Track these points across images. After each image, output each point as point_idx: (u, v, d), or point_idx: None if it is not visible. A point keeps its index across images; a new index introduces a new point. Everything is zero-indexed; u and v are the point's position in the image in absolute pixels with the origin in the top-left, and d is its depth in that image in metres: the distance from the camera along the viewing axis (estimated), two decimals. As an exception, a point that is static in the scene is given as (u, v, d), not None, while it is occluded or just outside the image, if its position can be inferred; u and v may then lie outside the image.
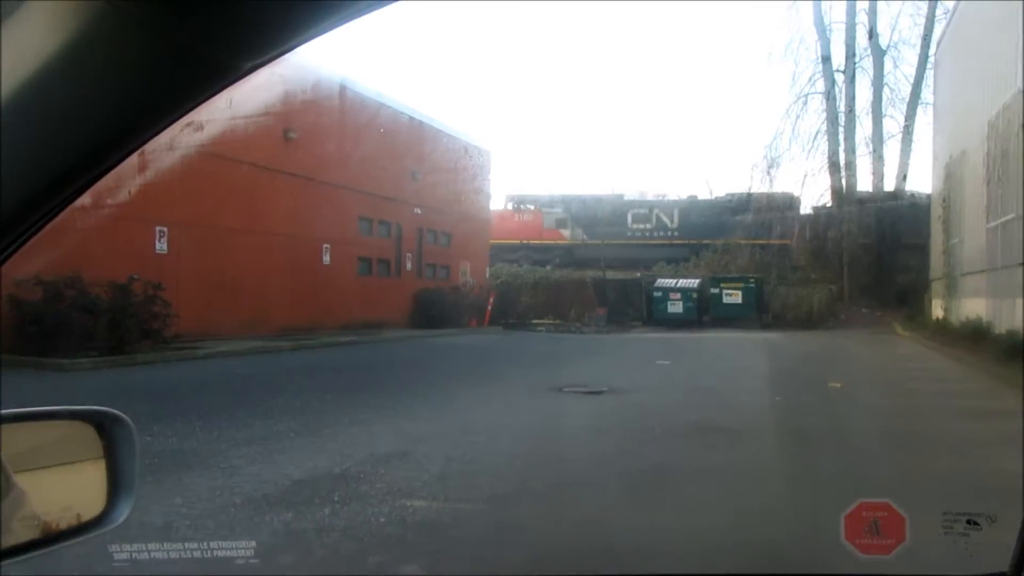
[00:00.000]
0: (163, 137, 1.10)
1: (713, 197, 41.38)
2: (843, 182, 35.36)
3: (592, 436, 8.41)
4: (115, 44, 0.93)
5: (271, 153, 21.02)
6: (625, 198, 42.31)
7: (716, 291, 32.57)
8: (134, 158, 1.10)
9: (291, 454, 7.17)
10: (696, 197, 42.06)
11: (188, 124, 1.20)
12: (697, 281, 33.28)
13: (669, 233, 40.83)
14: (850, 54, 35.73)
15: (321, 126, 23.78)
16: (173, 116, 1.02)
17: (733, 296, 32.18)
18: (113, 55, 0.94)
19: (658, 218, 41.33)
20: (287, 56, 1.05)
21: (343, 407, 9.81)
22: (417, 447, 7.53)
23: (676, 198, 41.99)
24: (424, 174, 28.81)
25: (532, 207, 41.51)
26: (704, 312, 32.68)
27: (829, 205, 35.71)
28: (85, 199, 1.11)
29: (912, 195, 35.25)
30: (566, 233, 41.63)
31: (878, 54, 35.55)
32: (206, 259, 19.13)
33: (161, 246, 18.43)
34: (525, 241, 38.13)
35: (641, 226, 41.07)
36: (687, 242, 39.84)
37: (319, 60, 20.14)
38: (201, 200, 18.86)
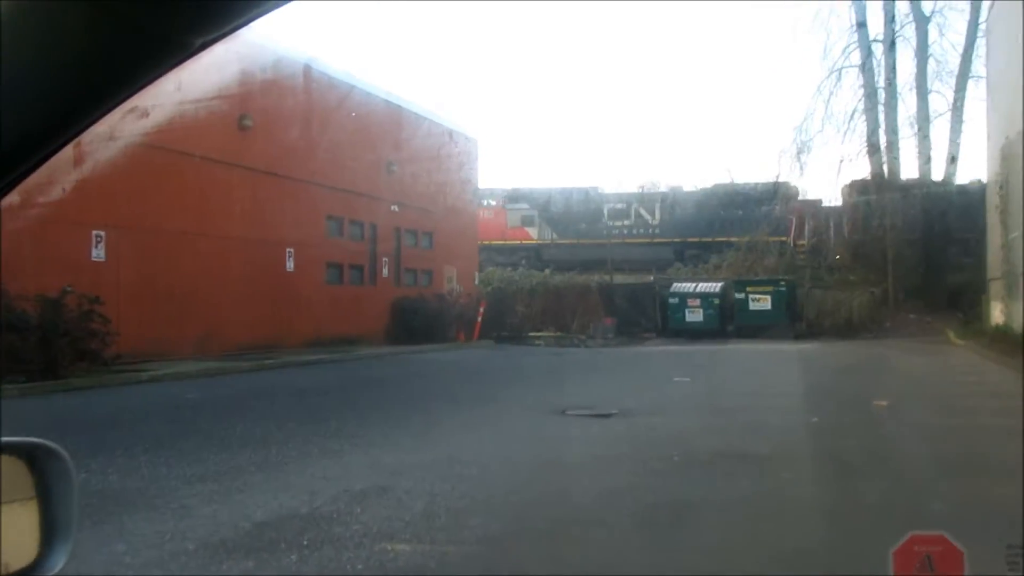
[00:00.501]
0: (100, 126, 1.10)
1: (699, 188, 41.70)
2: (884, 167, 35.42)
3: (600, 466, 8.40)
4: (52, 17, 0.93)
5: (224, 144, 21.03)
6: (600, 191, 42.52)
7: (741, 296, 32.63)
8: (67, 151, 1.10)
9: (251, 492, 7.15)
10: (681, 188, 42.38)
11: (130, 111, 1.20)
12: (719, 285, 33.34)
13: (650, 230, 41.06)
14: (889, 20, 35.92)
15: (282, 112, 23.82)
16: (115, 99, 1.02)
17: (761, 301, 32.24)
18: (50, 29, 0.94)
19: (638, 214, 41.56)
20: (242, 32, 1.05)
21: (311, 436, 9.79)
22: (398, 481, 7.51)
23: (659, 190, 42.28)
24: (402, 165, 28.85)
25: (494, 203, 41.64)
26: (728, 320, 32.73)
27: (857, 196, 35.76)
28: (11, 197, 1.11)
29: (964, 182, 35.41)
30: (533, 232, 41.79)
31: (921, 20, 35.74)
32: (151, 267, 19.14)
33: (98, 253, 18.42)
34: (485, 242, 38.23)
35: (619, 223, 41.27)
36: (670, 240, 40.23)
37: (280, 37, 20.24)
38: (144, 199, 18.88)
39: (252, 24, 1.03)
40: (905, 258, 33.77)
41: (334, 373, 19.23)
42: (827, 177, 48.64)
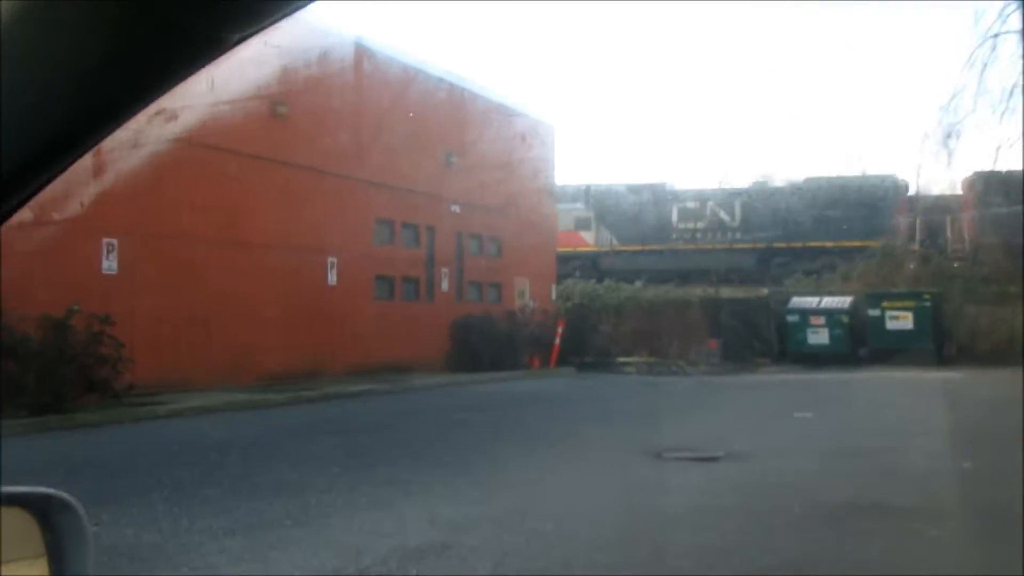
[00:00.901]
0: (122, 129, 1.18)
1: (790, 183, 41.37)
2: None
3: (702, 520, 8.36)
4: (76, 16, 1.00)
5: (257, 135, 21.23)
6: (671, 187, 42.32)
7: (876, 313, 32.16)
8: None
9: (288, 549, 7.25)
10: (766, 183, 41.99)
11: (157, 113, 1.28)
12: (849, 300, 32.92)
13: (729, 234, 40.72)
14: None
15: (323, 96, 24.02)
16: (144, 100, 1.09)
17: (901, 319, 31.75)
18: (74, 28, 1.01)
19: (714, 213, 41.23)
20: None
21: (357, 483, 9.88)
22: (460, 538, 7.56)
23: (740, 186, 41.99)
24: (464, 158, 28.93)
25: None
26: (860, 343, 32.26)
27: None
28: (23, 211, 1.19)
29: None
30: (589, 237, 41.58)
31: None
32: (170, 281, 19.34)
33: (109, 264, 18.67)
34: None
35: (691, 225, 41.01)
36: (753, 246, 39.83)
37: (327, 15, 20.53)
38: (162, 201, 19.08)
39: (293, 16, 1.09)
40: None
41: (384, 407, 19.35)
42: (979, 166, 47.65)
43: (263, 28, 1.07)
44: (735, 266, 38.22)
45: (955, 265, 36.57)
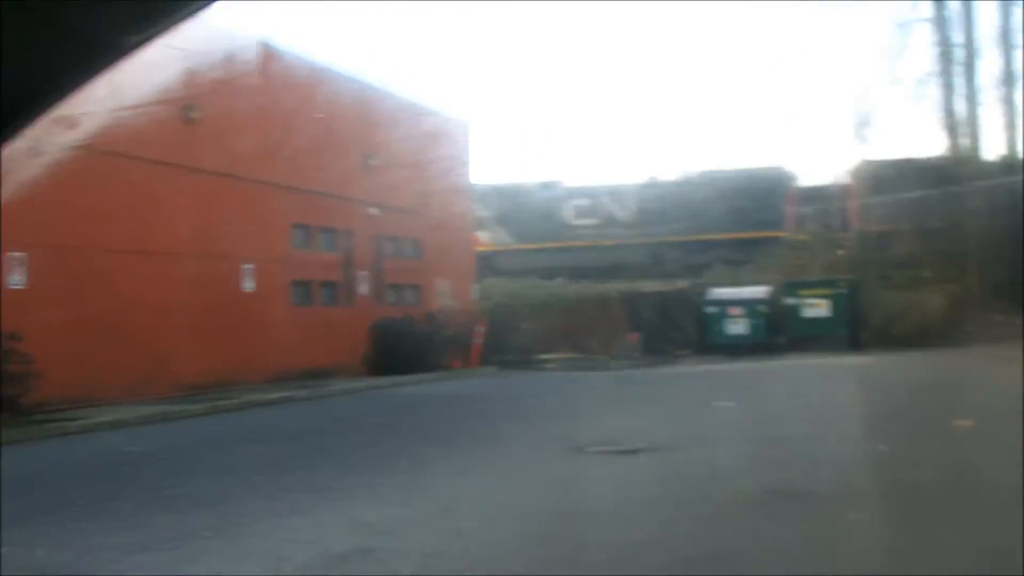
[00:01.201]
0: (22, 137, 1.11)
1: (682, 177, 42.55)
2: (963, 142, 35.35)
3: (626, 512, 8.38)
4: None
5: (167, 141, 21.00)
6: (563, 185, 43.04)
7: (793, 301, 32.63)
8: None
9: (206, 560, 7.15)
10: (657, 179, 42.96)
11: (57, 121, 1.22)
12: (766, 289, 33.35)
13: (623, 230, 41.52)
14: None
15: (235, 100, 23.78)
16: (46, 105, 1.03)
17: (817, 307, 32.24)
18: None
19: (607, 209, 42.02)
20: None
21: (277, 491, 9.79)
22: (383, 541, 7.51)
23: (633, 182, 42.88)
24: (382, 159, 28.87)
25: None
26: (777, 331, 32.70)
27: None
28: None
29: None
30: (485, 237, 41.94)
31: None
32: (80, 294, 19.07)
33: (17, 279, 18.39)
34: None
35: (585, 222, 41.67)
36: (645, 241, 40.77)
37: (237, 16, 20.36)
38: (70, 212, 18.81)
39: (196, 18, 1.05)
40: (990, 249, 33.70)
41: (304, 413, 19.23)
42: (892, 154, 48.59)
43: (161, 31, 1.03)
44: (630, 261, 38.81)
45: (839, 253, 37.52)
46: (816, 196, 39.61)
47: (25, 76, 1.01)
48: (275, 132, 24.80)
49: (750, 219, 38.85)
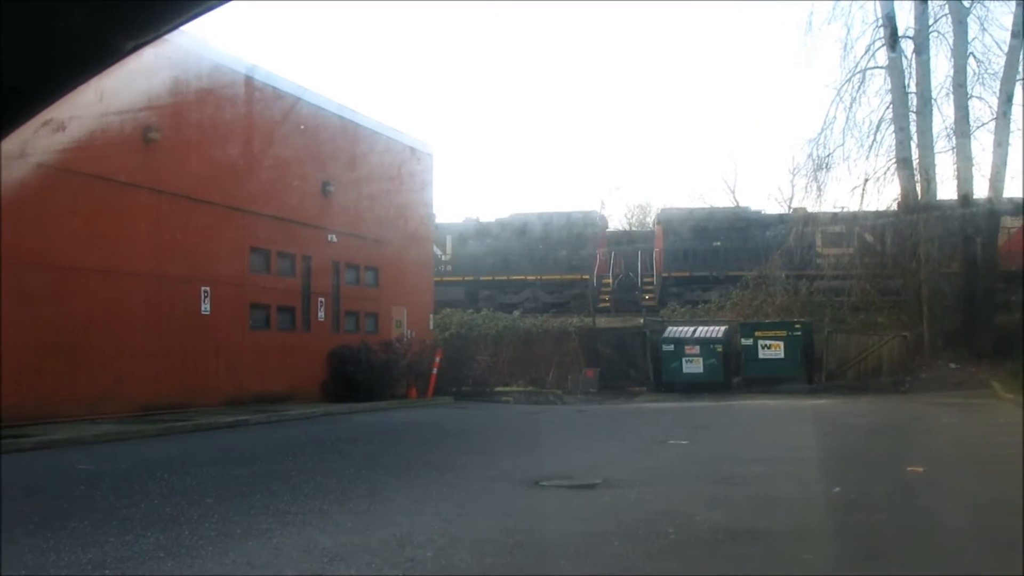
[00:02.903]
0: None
1: (496, 219, 44.26)
2: (917, 187, 35.81)
3: (581, 547, 8.42)
4: None
5: (127, 161, 20.96)
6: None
7: (749, 342, 32.90)
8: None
9: (160, 582, 7.11)
10: (478, 219, 44.01)
11: (44, 123, 1.26)
12: (722, 329, 33.62)
13: (442, 267, 42.30)
14: (921, 13, 36.50)
15: (194, 122, 23.79)
16: (36, 107, 1.07)
17: (772, 348, 32.53)
18: None
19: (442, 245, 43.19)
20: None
21: (232, 514, 9.74)
22: (338, 568, 7.50)
23: (451, 221, 43.99)
24: (340, 186, 28.92)
25: None
26: (733, 372, 32.95)
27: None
28: None
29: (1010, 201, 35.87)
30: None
31: (959, 13, 36.33)
32: (37, 312, 18.93)
33: (-28, 294, 18.23)
34: None
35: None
36: (463, 279, 41.68)
37: (198, 45, 20.39)
38: (26, 229, 18.68)
39: (186, 26, 1.09)
40: (943, 296, 34.11)
41: (260, 438, 19.12)
42: (850, 199, 49.10)
43: (159, 36, 1.08)
44: (445, 299, 39.39)
45: (647, 298, 39.66)
46: (625, 240, 41.89)
47: (21, 75, 1.06)
48: (235, 156, 24.80)
49: (564, 261, 41.06)
